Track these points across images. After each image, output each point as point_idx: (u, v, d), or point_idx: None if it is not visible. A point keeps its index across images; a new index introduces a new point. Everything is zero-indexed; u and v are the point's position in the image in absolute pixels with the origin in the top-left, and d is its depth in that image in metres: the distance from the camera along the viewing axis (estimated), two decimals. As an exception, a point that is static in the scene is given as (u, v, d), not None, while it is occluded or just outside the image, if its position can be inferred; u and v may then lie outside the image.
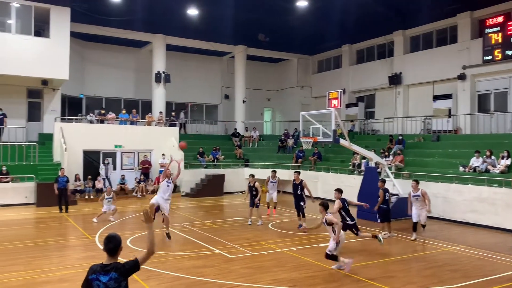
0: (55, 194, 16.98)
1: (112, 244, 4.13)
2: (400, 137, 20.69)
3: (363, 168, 18.86)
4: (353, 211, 15.26)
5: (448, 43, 22.54)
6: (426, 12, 21.87)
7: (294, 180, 14.25)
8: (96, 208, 18.18)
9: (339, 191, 11.12)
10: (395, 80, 24.59)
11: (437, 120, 21.81)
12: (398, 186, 16.30)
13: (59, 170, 17.75)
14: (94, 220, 14.90)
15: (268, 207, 16.57)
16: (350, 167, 20.52)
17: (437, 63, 22.57)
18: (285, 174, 23.36)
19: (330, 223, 9.17)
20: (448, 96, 21.88)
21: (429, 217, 15.92)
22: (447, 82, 22.29)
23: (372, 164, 16.31)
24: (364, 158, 18.93)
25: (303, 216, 13.82)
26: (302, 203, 13.81)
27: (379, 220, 13.10)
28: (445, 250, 11.32)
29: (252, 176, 14.83)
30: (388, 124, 24.71)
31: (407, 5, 21.88)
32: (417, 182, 12.81)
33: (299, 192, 13.98)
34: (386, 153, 19.57)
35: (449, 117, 21.47)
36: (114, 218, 15.19)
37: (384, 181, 13.48)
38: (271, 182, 15.88)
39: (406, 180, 17.32)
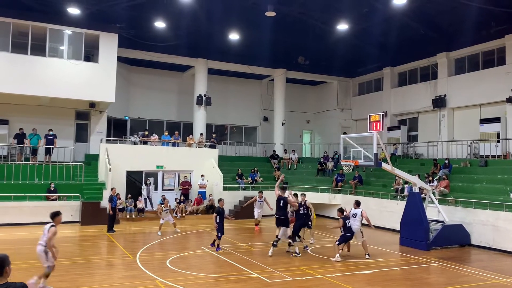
0: (108, 213, 17.31)
1: None
2: (446, 161, 19.98)
3: (406, 193, 18.29)
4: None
5: (496, 65, 21.81)
6: (472, 34, 21.34)
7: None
8: (138, 227, 18.66)
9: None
10: (439, 103, 23.95)
11: (485, 144, 20.95)
12: (443, 213, 15.65)
13: (111, 190, 17.97)
14: (159, 233, 16.53)
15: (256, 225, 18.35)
16: (393, 192, 19.95)
17: (483, 85, 21.84)
18: (325, 198, 23.04)
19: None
20: (496, 120, 21.02)
21: (477, 246, 15.25)
22: (495, 105, 21.46)
23: (415, 189, 15.78)
24: (407, 182, 18.38)
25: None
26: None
27: (337, 242, 12.87)
28: (495, 282, 10.68)
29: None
30: (432, 148, 23.95)
31: (451, 27, 21.44)
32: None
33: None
34: (430, 178, 18.90)
35: (498, 141, 20.57)
36: (178, 230, 17.30)
37: (342, 211, 13.50)
38: (258, 201, 18.24)
39: (451, 207, 16.65)
